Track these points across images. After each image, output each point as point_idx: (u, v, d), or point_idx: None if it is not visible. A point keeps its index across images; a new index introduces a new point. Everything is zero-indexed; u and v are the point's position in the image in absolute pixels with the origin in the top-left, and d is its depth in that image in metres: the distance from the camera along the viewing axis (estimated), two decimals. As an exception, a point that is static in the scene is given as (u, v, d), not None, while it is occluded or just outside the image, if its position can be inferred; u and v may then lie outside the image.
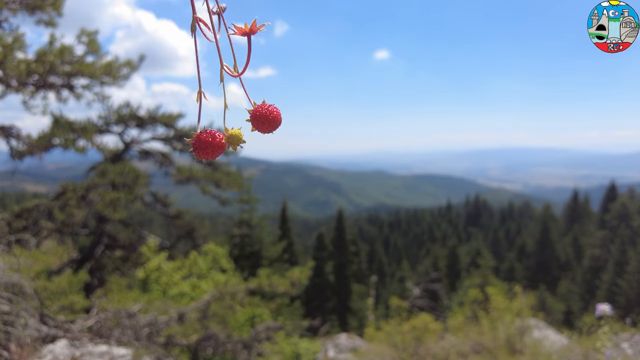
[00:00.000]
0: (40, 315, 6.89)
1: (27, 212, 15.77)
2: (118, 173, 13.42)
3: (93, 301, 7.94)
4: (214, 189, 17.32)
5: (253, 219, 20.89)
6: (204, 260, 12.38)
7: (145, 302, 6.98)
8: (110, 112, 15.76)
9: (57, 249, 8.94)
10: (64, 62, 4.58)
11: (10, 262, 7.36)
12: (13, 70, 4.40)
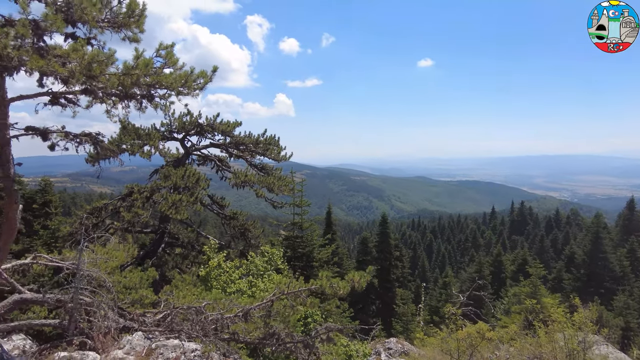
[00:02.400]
0: (118, 307, 7.46)
1: (98, 211, 17.03)
2: (180, 176, 14.20)
3: (161, 296, 8.46)
4: (266, 193, 17.84)
5: (304, 222, 21.30)
6: (261, 260, 12.81)
7: (211, 300, 7.35)
8: (173, 120, 16.85)
9: (128, 246, 9.61)
10: (146, 74, 5.00)
11: (91, 258, 8.04)
12: (105, 83, 4.87)
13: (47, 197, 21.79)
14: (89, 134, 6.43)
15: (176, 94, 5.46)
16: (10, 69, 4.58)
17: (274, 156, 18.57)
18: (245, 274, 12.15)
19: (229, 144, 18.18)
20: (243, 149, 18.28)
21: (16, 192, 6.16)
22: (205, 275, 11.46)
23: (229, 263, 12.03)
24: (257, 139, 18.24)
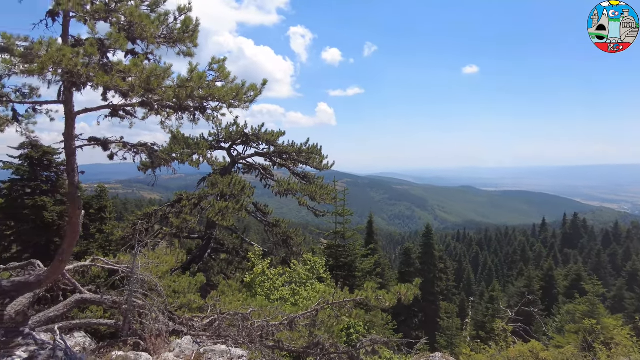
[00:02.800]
0: (168, 311, 7.76)
1: (148, 216, 17.83)
2: (227, 184, 14.62)
3: (208, 302, 8.69)
4: (308, 201, 17.99)
5: (347, 232, 21.26)
6: (303, 269, 12.89)
7: (257, 306, 7.47)
8: (220, 130, 17.50)
9: (177, 251, 10.00)
10: (200, 87, 5.22)
11: (143, 262, 8.43)
12: (161, 95, 5.13)
13: (102, 203, 23.12)
14: (145, 144, 6.77)
15: (227, 106, 5.66)
16: (79, 84, 4.93)
17: (316, 165, 18.72)
18: (288, 282, 12.26)
19: (272, 152, 18.56)
20: (286, 157, 18.58)
21: (79, 199, 6.58)
22: (250, 282, 11.67)
23: (272, 270, 12.20)
24: (299, 147, 18.49)
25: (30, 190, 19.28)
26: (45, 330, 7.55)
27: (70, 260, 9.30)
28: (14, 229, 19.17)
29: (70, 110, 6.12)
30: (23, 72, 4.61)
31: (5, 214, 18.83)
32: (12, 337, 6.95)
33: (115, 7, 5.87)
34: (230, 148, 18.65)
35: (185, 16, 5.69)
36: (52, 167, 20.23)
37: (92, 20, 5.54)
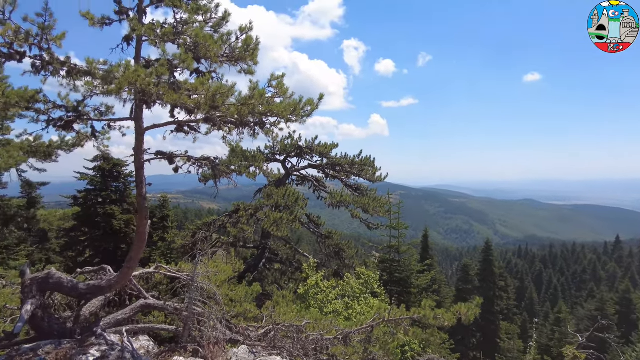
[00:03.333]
0: (225, 320, 7.98)
1: (207, 226, 18.55)
2: (281, 196, 14.93)
3: (263, 312, 8.84)
4: (361, 213, 17.88)
5: (401, 246, 20.81)
6: (357, 283, 12.76)
7: (311, 319, 7.49)
8: (276, 143, 18.04)
9: (235, 260, 10.31)
10: (260, 103, 5.41)
11: (203, 271, 8.76)
12: (224, 112, 5.37)
13: (165, 212, 24.44)
14: (207, 158, 7.09)
15: (285, 121, 5.81)
16: (150, 102, 5.29)
17: (369, 177, 18.63)
18: (341, 295, 12.19)
19: (325, 165, 18.75)
20: (339, 169, 18.67)
21: (147, 209, 6.99)
22: (304, 293, 11.74)
23: (325, 282, 12.19)
24: (352, 159, 18.51)
25: (101, 200, 20.84)
26: (114, 332, 8.05)
27: (136, 267, 9.90)
28: (88, 235, 20.76)
29: (140, 126, 6.57)
30: (103, 92, 5.03)
31: (81, 221, 20.44)
32: (87, 336, 7.48)
33: (182, 29, 6.25)
34: (285, 160, 19.09)
35: (247, 35, 5.94)
36: (121, 178, 21.77)
37: (162, 42, 5.94)
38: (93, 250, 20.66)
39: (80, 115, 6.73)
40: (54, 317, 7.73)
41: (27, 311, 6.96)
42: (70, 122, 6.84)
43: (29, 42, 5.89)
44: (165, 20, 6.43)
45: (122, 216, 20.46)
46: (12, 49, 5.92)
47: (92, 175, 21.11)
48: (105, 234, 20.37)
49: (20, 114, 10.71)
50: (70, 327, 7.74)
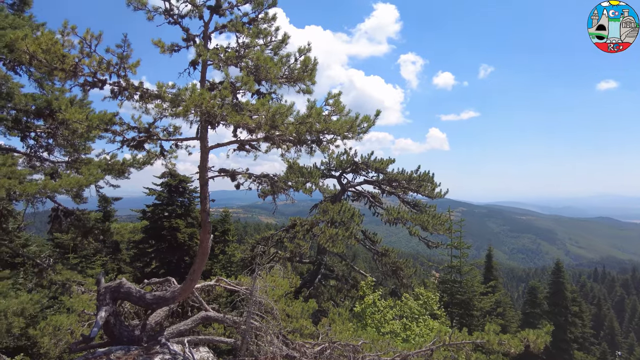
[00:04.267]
0: (282, 335, 8.06)
1: (265, 240, 18.95)
2: (337, 211, 14.94)
3: (319, 329, 8.80)
4: (420, 231, 17.39)
5: (463, 266, 19.85)
6: (415, 303, 12.35)
7: (367, 339, 7.34)
8: (331, 159, 18.18)
9: (292, 276, 10.43)
10: (318, 122, 5.51)
11: (261, 285, 8.94)
12: (283, 131, 5.53)
13: (226, 226, 25.35)
14: (267, 175, 7.31)
15: (342, 138, 5.86)
16: (214, 123, 5.57)
17: (428, 193, 18.13)
18: (398, 315, 11.85)
19: (382, 180, 18.54)
20: (396, 185, 18.38)
21: (210, 224, 7.30)
22: (361, 312, 11.56)
23: (383, 302, 11.93)
24: (410, 175, 18.15)
25: (167, 214, 22.09)
26: (176, 342, 8.41)
27: (199, 280, 10.31)
28: (154, 247, 22.03)
29: (205, 145, 6.93)
30: (171, 114, 5.38)
31: (149, 234, 21.76)
32: (152, 344, 7.88)
33: (243, 52, 6.57)
34: (341, 176, 19.15)
35: (305, 56, 6.10)
36: (186, 193, 22.98)
37: (225, 66, 6.26)
38: (159, 261, 21.86)
39: (151, 135, 7.24)
40: (123, 325, 8.23)
41: (101, 317, 7.48)
42: (142, 142, 7.37)
43: (109, 71, 6.47)
44: (228, 45, 6.80)
45: (186, 229, 21.51)
46: (96, 78, 6.53)
47: (159, 191, 22.50)
48: (170, 247, 21.50)
49: (100, 135, 11.74)
50: (138, 335, 8.20)
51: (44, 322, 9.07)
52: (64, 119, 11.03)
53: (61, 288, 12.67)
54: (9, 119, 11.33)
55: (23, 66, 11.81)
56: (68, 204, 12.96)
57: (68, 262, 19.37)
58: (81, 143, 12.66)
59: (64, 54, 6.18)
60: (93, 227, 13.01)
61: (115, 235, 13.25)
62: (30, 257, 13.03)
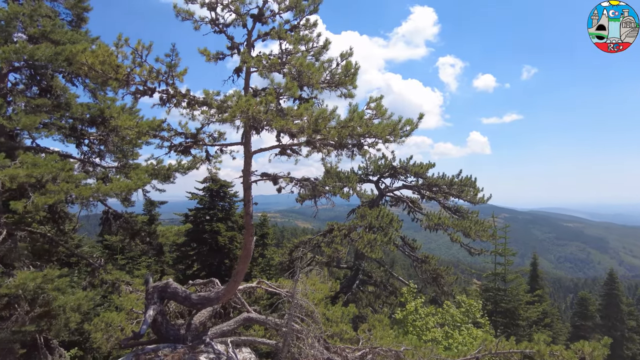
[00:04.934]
0: (322, 339, 8.08)
1: (303, 244, 19.08)
2: (375, 217, 14.84)
3: (359, 334, 8.76)
4: (462, 237, 16.96)
5: (508, 274, 19.07)
6: (458, 311, 12.02)
7: (409, 345, 7.23)
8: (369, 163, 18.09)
9: (331, 280, 10.47)
10: (359, 125, 5.53)
11: (302, 289, 9.02)
12: (325, 135, 5.59)
13: (264, 230, 25.74)
14: (308, 179, 7.40)
15: (384, 142, 5.86)
16: (258, 128, 5.72)
17: (470, 198, 17.65)
18: (440, 323, 11.58)
19: (421, 185, 18.25)
20: (436, 190, 18.02)
21: (253, 227, 7.47)
22: (402, 319, 11.39)
23: (424, 309, 11.71)
24: (451, 180, 17.75)
25: (209, 217, 22.71)
26: (220, 342, 8.62)
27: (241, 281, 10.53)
28: (196, 250, 22.69)
29: (248, 150, 7.12)
30: (218, 120, 5.57)
31: (191, 237, 22.44)
32: (197, 343, 8.13)
33: (286, 59, 6.71)
34: (379, 181, 19.01)
35: (347, 61, 6.16)
36: (227, 197, 23.56)
37: (269, 72, 6.42)
38: (200, 264, 22.47)
39: (197, 141, 7.51)
40: (170, 323, 8.55)
41: (150, 315, 7.81)
42: (189, 147, 7.66)
43: (158, 79, 6.80)
44: (271, 52, 6.97)
45: (226, 233, 22.01)
46: (146, 86, 6.88)
47: (201, 195, 23.20)
48: (211, 250, 22.06)
49: (147, 142, 12.30)
50: (183, 334, 8.48)
51: (97, 319, 9.56)
52: (115, 126, 11.67)
53: (111, 287, 13.28)
54: (66, 127, 12.09)
55: (79, 77, 12.61)
56: (117, 207, 13.66)
57: (116, 263, 20.33)
58: (129, 149, 13.31)
59: (118, 64, 6.56)
60: (140, 229, 13.61)
61: (161, 237, 13.78)
62: (83, 257, 13.77)
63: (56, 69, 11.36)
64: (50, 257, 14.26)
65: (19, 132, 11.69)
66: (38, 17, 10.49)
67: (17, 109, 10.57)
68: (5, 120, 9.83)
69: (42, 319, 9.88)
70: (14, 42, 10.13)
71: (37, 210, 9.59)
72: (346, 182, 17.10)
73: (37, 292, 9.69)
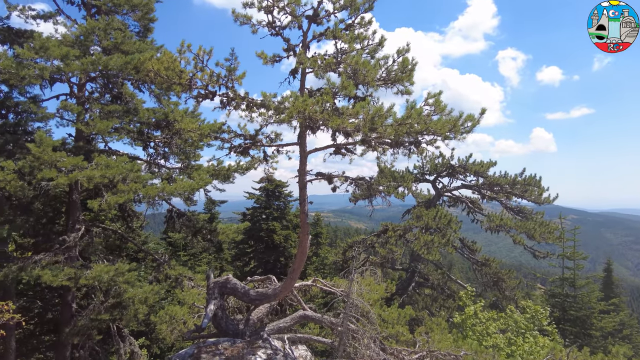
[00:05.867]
0: (378, 339, 7.99)
1: (357, 244, 18.99)
2: (432, 217, 14.43)
3: (416, 336, 8.56)
4: (525, 239, 16.04)
5: (578, 279, 17.70)
6: (522, 317, 11.37)
7: (469, 350, 6.95)
8: (425, 162, 17.61)
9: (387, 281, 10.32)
10: (417, 122, 5.40)
11: (357, 288, 8.97)
12: (381, 133, 5.52)
13: (318, 230, 25.97)
14: (363, 178, 7.35)
15: (443, 138, 5.67)
16: (314, 128, 5.77)
17: (534, 198, 16.64)
18: (502, 329, 11.02)
19: (482, 185, 17.48)
20: (497, 190, 17.19)
21: (308, 225, 7.54)
22: (461, 323, 10.99)
23: (485, 314, 11.20)
24: (514, 179, 16.85)
25: (265, 216, 23.35)
26: (277, 338, 8.80)
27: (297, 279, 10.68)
28: (253, 248, 23.40)
29: (304, 150, 7.20)
30: (276, 121, 5.69)
31: (248, 235, 23.18)
32: (255, 338, 8.36)
33: (341, 58, 6.71)
34: (435, 180, 18.47)
35: (403, 57, 6.04)
36: (282, 197, 24.08)
37: (324, 72, 6.45)
38: (257, 261, 23.15)
39: (255, 142, 7.72)
40: (229, 318, 8.85)
41: (211, 310, 8.13)
42: (247, 148, 7.90)
43: (219, 83, 7.06)
44: (326, 52, 7.00)
45: (281, 232, 22.50)
46: (207, 90, 7.17)
47: (258, 195, 23.90)
48: (267, 248, 22.65)
49: (209, 143, 12.84)
50: (242, 329, 8.75)
51: (162, 312, 10.11)
52: (178, 129, 12.31)
53: (174, 282, 13.99)
54: (134, 131, 12.92)
55: (146, 84, 13.44)
56: (180, 206, 14.40)
57: (179, 259, 21.44)
58: (192, 151, 13.97)
59: (182, 70, 6.90)
60: (202, 227, 14.23)
61: (221, 235, 14.32)
62: (149, 252, 14.65)
63: (125, 76, 12.18)
64: (120, 252, 15.34)
65: (94, 136, 12.68)
66: (111, 31, 11.30)
67: (93, 115, 11.45)
68: (83, 126, 10.69)
69: (115, 309, 10.65)
70: (90, 55, 11.01)
71: (110, 209, 10.32)
72: (401, 181, 16.79)
73: (110, 284, 10.47)
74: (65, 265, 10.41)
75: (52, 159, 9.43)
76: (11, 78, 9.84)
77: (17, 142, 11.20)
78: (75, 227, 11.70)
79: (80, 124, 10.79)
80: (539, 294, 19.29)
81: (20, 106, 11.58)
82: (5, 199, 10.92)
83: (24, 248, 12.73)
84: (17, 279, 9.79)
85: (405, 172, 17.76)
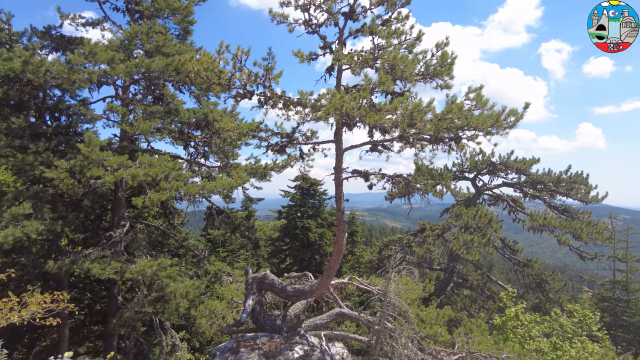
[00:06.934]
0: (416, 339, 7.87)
1: (393, 243, 18.78)
2: (472, 216, 14.05)
3: (455, 337, 8.36)
4: (571, 240, 15.29)
5: (631, 283, 16.63)
6: (569, 321, 10.85)
7: (510, 353, 6.72)
8: (464, 159, 17.15)
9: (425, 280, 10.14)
10: (458, 117, 5.26)
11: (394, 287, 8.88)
12: (420, 129, 5.42)
13: (353, 228, 25.88)
14: (400, 175, 7.25)
15: (485, 134, 5.49)
16: (351, 125, 5.75)
17: (581, 197, 15.83)
18: (545, 333, 10.56)
19: (524, 182, 16.82)
20: (540, 188, 16.48)
21: (344, 223, 7.52)
22: (501, 325, 10.63)
23: (527, 316, 10.78)
24: (558, 176, 16.10)
25: (300, 214, 23.53)
26: (313, 334, 8.85)
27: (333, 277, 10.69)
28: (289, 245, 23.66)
29: (340, 148, 7.19)
30: (313, 119, 5.71)
31: (284, 232, 23.45)
32: (292, 334, 8.44)
33: (378, 54, 6.64)
34: (475, 178, 17.95)
35: (442, 51, 5.90)
36: (316, 195, 24.18)
37: (361, 68, 6.41)
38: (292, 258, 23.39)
39: (292, 140, 7.79)
40: (267, 314, 8.99)
41: (249, 305, 8.29)
42: (284, 147, 7.98)
43: (256, 82, 7.16)
44: (362, 48, 6.95)
45: (316, 230, 22.60)
46: (245, 89, 7.29)
47: (293, 193, 24.13)
48: (303, 245, 22.83)
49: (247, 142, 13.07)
50: (279, 325, 8.86)
51: (202, 306, 10.41)
52: (218, 128, 12.60)
53: (214, 277, 14.36)
54: (175, 131, 13.36)
55: (186, 85, 13.87)
56: (218, 204, 14.77)
57: (219, 255, 22.00)
58: (230, 150, 14.29)
59: (221, 70, 7.05)
60: (240, 224, 14.53)
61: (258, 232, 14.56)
62: (190, 249, 15.11)
63: (167, 78, 12.62)
64: (162, 248, 15.92)
65: (138, 136, 13.22)
66: (152, 34, 11.74)
67: (137, 116, 11.94)
68: (127, 127, 11.17)
69: (158, 302, 11.07)
70: (134, 58, 11.48)
71: (153, 206, 10.74)
72: (439, 179, 16.44)
73: (154, 278, 10.89)
74: (112, 260, 10.93)
75: (100, 158, 9.92)
76: (64, 82, 10.42)
77: (69, 142, 11.86)
78: (121, 223, 12.27)
79: (125, 125, 11.27)
80: (586, 298, 18.34)
81: (71, 109, 12.27)
82: (59, 196, 11.59)
83: (74, 243, 13.49)
84: (70, 272, 10.36)
85: (443, 170, 17.39)
